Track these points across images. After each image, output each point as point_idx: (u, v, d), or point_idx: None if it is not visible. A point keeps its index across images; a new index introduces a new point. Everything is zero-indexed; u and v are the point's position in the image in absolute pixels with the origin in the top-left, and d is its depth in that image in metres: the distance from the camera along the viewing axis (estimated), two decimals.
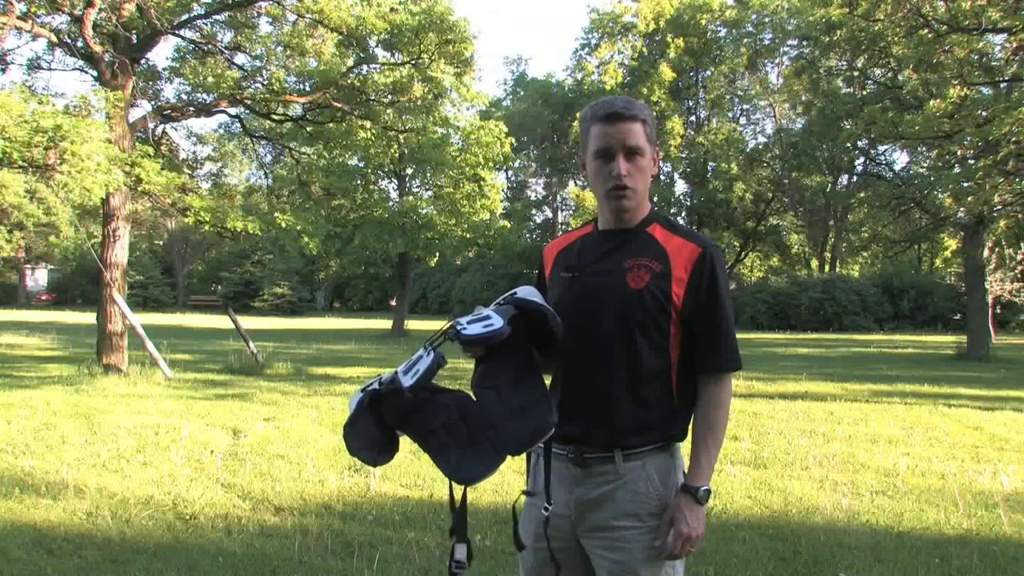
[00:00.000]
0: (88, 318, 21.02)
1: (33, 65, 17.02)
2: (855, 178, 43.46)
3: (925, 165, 31.95)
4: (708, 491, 2.25)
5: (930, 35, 18.94)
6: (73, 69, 16.51)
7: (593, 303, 2.31)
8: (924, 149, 28.33)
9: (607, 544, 2.27)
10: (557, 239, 2.58)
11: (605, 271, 2.32)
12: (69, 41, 14.90)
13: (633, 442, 2.27)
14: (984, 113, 18.44)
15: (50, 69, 17.25)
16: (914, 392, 12.73)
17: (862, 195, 39.98)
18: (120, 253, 14.33)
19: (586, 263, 2.37)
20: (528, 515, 2.41)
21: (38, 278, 57.54)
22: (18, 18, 13.33)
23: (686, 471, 2.30)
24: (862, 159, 40.93)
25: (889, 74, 25.95)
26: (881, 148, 36.87)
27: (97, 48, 14.02)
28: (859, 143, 35.25)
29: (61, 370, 14.31)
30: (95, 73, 14.75)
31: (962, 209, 21.14)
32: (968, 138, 18.76)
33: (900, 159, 39.88)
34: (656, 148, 2.38)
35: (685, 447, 2.34)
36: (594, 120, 2.32)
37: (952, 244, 39.23)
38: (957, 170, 21.21)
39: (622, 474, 2.27)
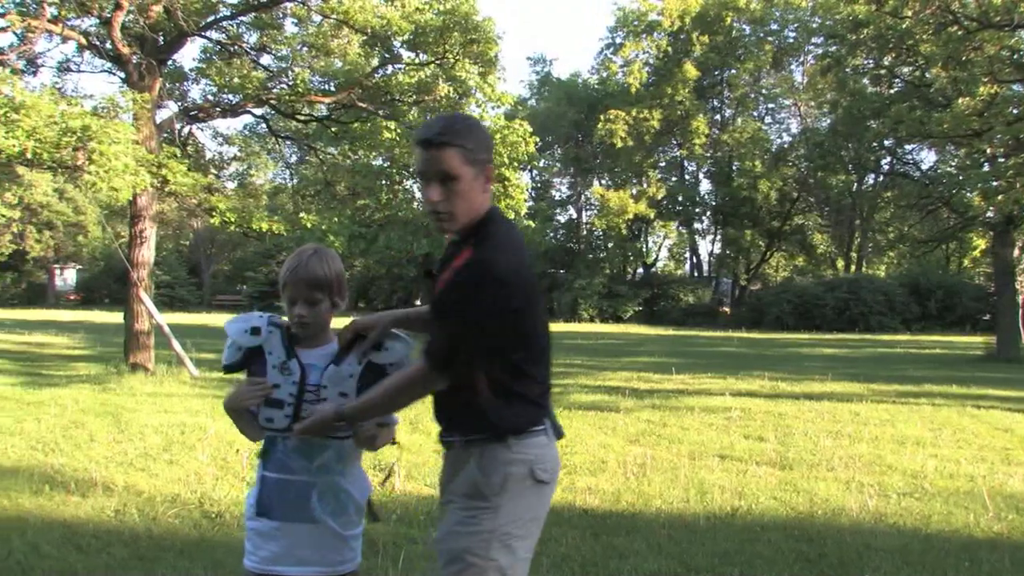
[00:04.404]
0: (115, 317, 21.25)
1: (63, 67, 17.19)
2: (881, 177, 43.12)
3: (953, 164, 31.65)
4: (341, 414, 2.49)
5: (959, 32, 18.75)
6: (101, 71, 16.68)
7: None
8: (952, 148, 28.09)
9: (442, 518, 2.53)
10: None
11: (438, 281, 2.52)
12: (98, 43, 15.03)
13: (466, 432, 2.47)
14: (1015, 111, 18.25)
15: (79, 71, 17.40)
16: (942, 393, 12.59)
17: (888, 194, 39.69)
18: (147, 253, 14.43)
19: (436, 272, 2.60)
20: None
21: (67, 277, 58.06)
22: (49, 21, 13.46)
23: (535, 465, 2.44)
24: (888, 158, 40.57)
25: (917, 72, 25.70)
26: (908, 147, 36.54)
27: (125, 50, 14.13)
28: (886, 142, 34.92)
29: (89, 369, 14.44)
30: (123, 75, 14.87)
31: (991, 208, 20.91)
32: (998, 136, 18.57)
33: (927, 158, 39.47)
34: (485, 167, 2.48)
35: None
36: (414, 142, 2.51)
37: (981, 244, 38.78)
38: (986, 169, 21.01)
39: (462, 459, 2.47)
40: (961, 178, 23.00)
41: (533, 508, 2.46)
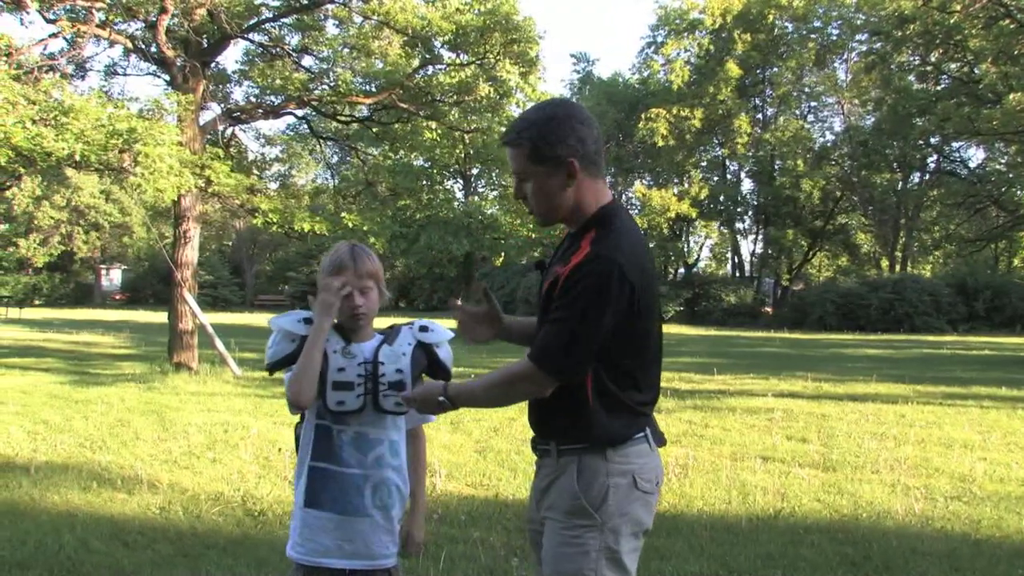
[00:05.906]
0: (160, 317, 21.55)
1: (110, 71, 17.52)
2: (927, 176, 42.47)
3: (1003, 161, 31.10)
4: (444, 399, 2.39)
5: (1012, 26, 18.38)
6: (147, 74, 16.96)
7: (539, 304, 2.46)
8: (1002, 145, 27.58)
9: (545, 533, 2.40)
10: None
11: (550, 276, 2.40)
12: (143, 47, 15.28)
13: (563, 439, 2.36)
14: None
15: (125, 74, 17.74)
16: (990, 395, 12.32)
17: (935, 193, 39.13)
18: (191, 253, 14.62)
19: (550, 264, 2.49)
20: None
21: (113, 278, 59.06)
22: (97, 26, 13.73)
23: (637, 475, 2.34)
24: (935, 156, 39.98)
25: (965, 68, 25.29)
26: (955, 144, 35.98)
27: (169, 53, 14.34)
28: (932, 140, 34.44)
29: (134, 368, 14.67)
30: (167, 77, 15.09)
31: None
32: None
33: (975, 156, 38.80)
34: (566, 162, 2.33)
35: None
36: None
37: None
38: None
39: (558, 468, 2.37)
40: (1011, 176, 22.60)
41: (638, 520, 2.34)
